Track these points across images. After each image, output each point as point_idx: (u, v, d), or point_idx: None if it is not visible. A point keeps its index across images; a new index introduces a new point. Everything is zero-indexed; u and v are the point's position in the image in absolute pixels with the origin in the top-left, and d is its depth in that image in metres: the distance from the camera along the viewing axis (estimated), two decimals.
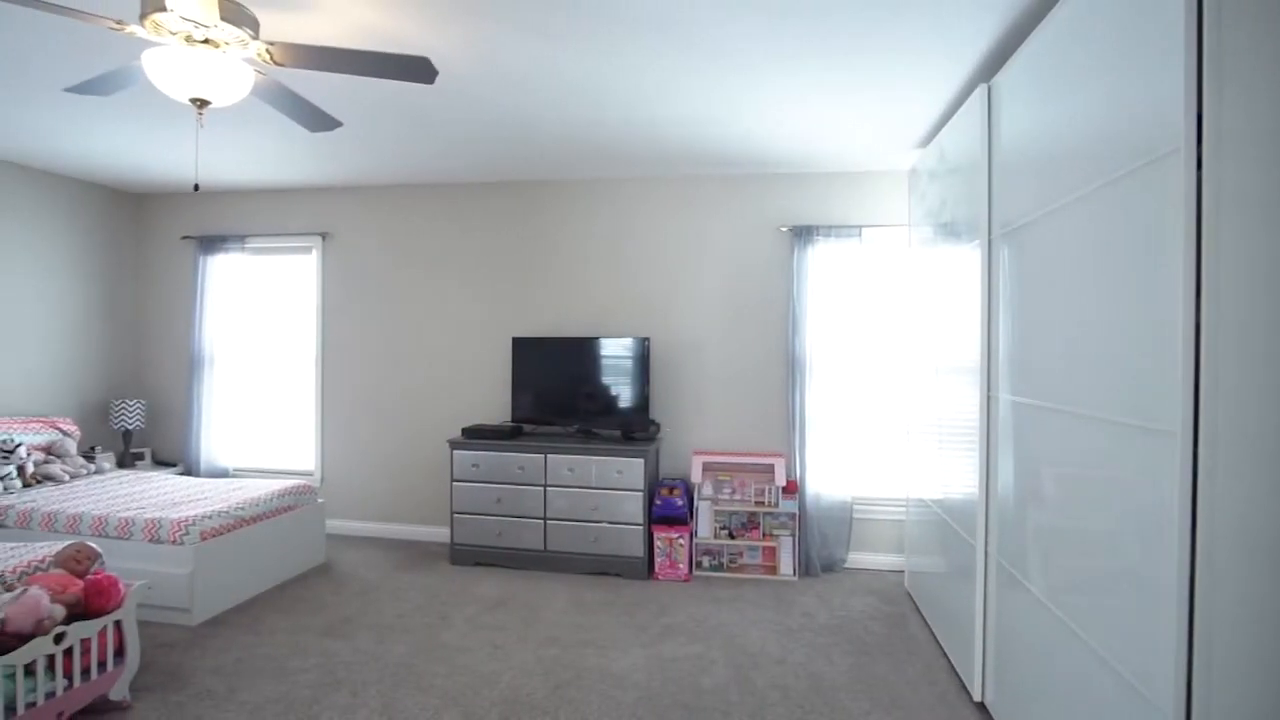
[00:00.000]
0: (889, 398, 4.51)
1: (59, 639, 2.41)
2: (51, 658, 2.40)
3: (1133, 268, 1.70)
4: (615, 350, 4.58)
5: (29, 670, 2.33)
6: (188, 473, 5.20)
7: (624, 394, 4.55)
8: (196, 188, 2.90)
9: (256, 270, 5.38)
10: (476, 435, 4.46)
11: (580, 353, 4.61)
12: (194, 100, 2.19)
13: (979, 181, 2.76)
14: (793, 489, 4.34)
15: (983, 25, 2.50)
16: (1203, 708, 1.48)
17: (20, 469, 4.12)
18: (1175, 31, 1.51)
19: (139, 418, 5.14)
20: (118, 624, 2.68)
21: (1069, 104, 2.05)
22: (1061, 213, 2.08)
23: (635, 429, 4.45)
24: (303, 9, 2.41)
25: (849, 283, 4.44)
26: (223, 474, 5.21)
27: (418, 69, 2.24)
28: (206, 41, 2.12)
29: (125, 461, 5.10)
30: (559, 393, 4.63)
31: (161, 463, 5.34)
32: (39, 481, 4.21)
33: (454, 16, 2.47)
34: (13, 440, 4.17)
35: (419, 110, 3.46)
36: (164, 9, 1.97)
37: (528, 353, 4.67)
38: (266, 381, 5.39)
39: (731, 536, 4.35)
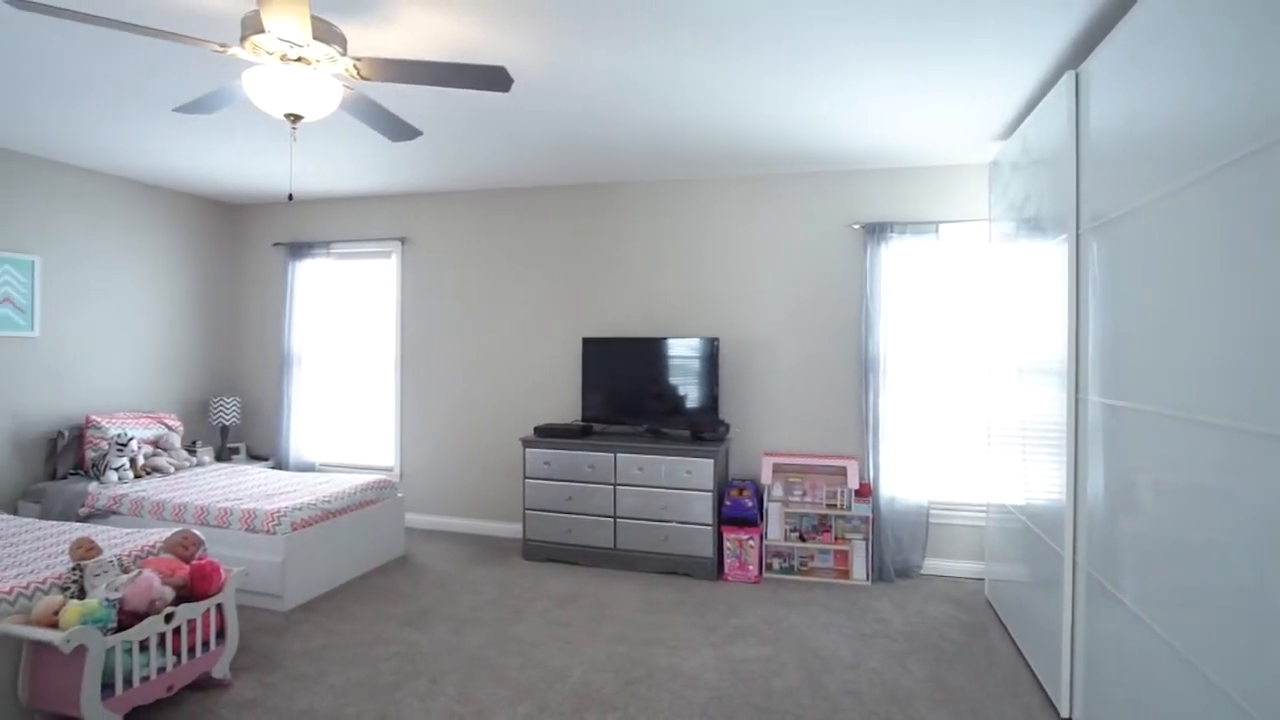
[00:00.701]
0: (968, 399, 4.35)
1: (168, 618, 2.60)
2: (162, 635, 2.59)
3: (1247, 259, 1.59)
4: (684, 350, 4.59)
5: (143, 646, 2.52)
6: (278, 466, 5.50)
7: (693, 394, 4.56)
8: (290, 197, 3.07)
9: (341, 274, 5.65)
10: (548, 434, 4.55)
11: (649, 353, 4.64)
12: (288, 115, 2.32)
13: (1066, 173, 2.64)
14: (866, 492, 4.25)
15: (1068, 11, 2.39)
16: None
17: (132, 461, 4.45)
18: None
19: (235, 414, 5.47)
20: (219, 607, 2.87)
21: (1169, 88, 1.94)
22: (1162, 203, 1.97)
23: (704, 429, 4.44)
24: (384, 24, 2.52)
25: (925, 281, 4.32)
26: (310, 468, 5.49)
27: (494, 78, 2.31)
28: (300, 60, 2.25)
29: (223, 455, 5.43)
30: (628, 392, 4.67)
31: (255, 457, 5.67)
32: (148, 473, 4.53)
33: (529, 25, 2.53)
34: (126, 434, 4.51)
35: (495, 117, 3.56)
36: (262, 30, 2.10)
37: (598, 353, 4.73)
38: (350, 380, 5.65)
39: (802, 539, 4.29)
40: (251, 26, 2.13)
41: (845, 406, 4.49)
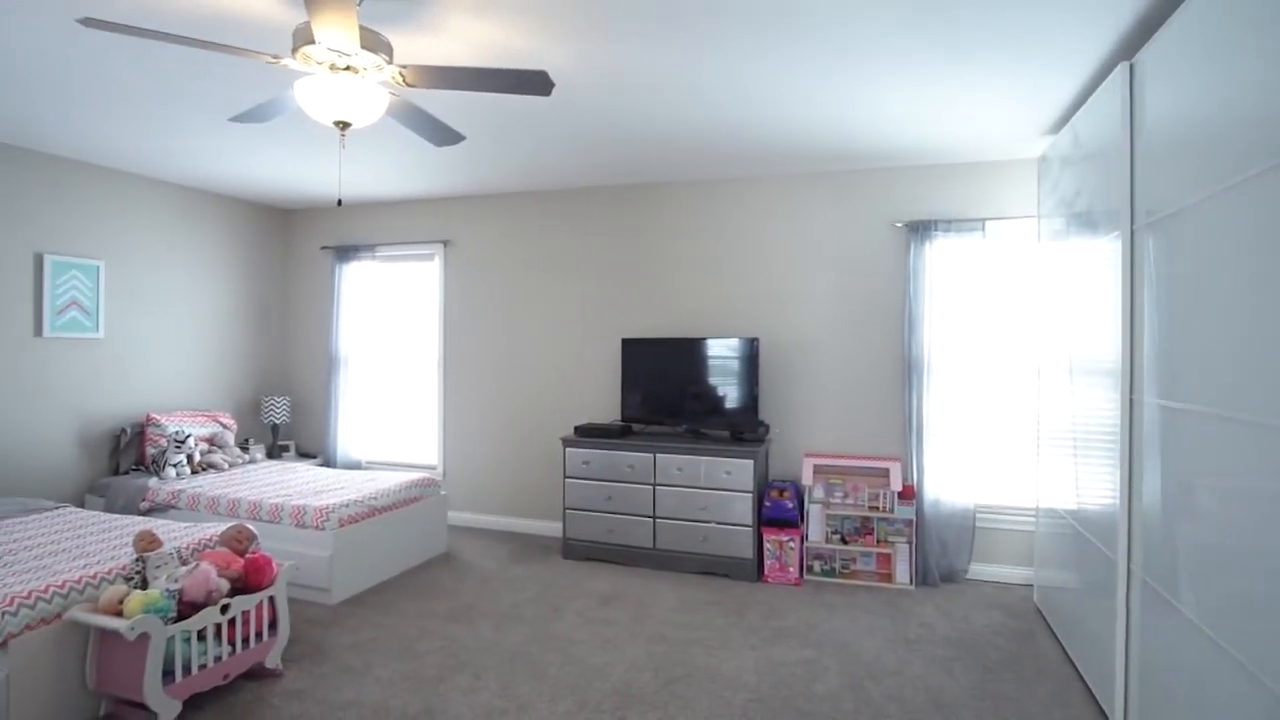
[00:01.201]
0: (1015, 400, 4.24)
1: (224, 609, 2.70)
2: (219, 626, 2.69)
3: None
4: (723, 350, 4.58)
5: (201, 636, 2.62)
6: (326, 464, 5.65)
7: (732, 394, 4.54)
8: (340, 203, 3.15)
9: (385, 277, 5.78)
10: (588, 434, 4.58)
11: (689, 353, 4.64)
12: (337, 123, 2.39)
13: (1120, 167, 2.55)
14: (909, 494, 4.18)
15: (1121, 1, 2.32)
16: None
17: (189, 457, 4.62)
18: None
19: (285, 413, 5.64)
20: (271, 599, 2.96)
21: (1230, 78, 1.87)
22: (1223, 197, 1.90)
23: (744, 430, 4.42)
24: (429, 31, 2.58)
25: (971, 279, 4.22)
26: (356, 466, 5.63)
27: (536, 82, 2.34)
28: (348, 69, 2.31)
29: (274, 453, 5.61)
30: (668, 393, 4.67)
31: (304, 454, 5.83)
32: (204, 469, 4.71)
33: (569, 29, 2.56)
34: (184, 432, 4.69)
35: (535, 120, 3.60)
36: (313, 41, 2.16)
37: (637, 353, 4.75)
38: (394, 380, 5.78)
39: (844, 541, 4.24)
40: (302, 37, 2.19)
41: (888, 407, 4.42)
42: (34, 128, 3.80)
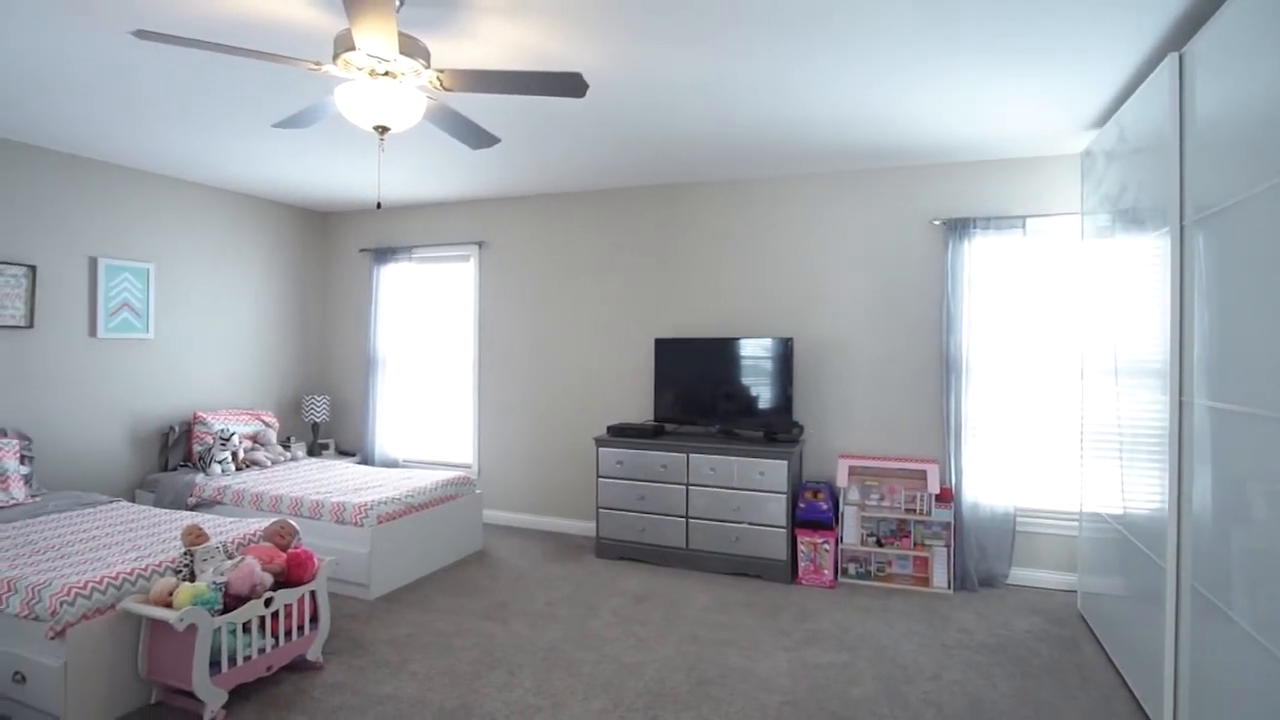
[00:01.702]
0: (1057, 401, 4.14)
1: (268, 603, 2.77)
2: (263, 619, 2.77)
3: None
4: (757, 350, 4.55)
5: (245, 628, 2.70)
6: (364, 462, 5.76)
7: (766, 394, 4.51)
8: (379, 205, 3.22)
9: (422, 278, 5.87)
10: (621, 433, 4.60)
11: (722, 353, 4.62)
12: (376, 127, 2.44)
13: (1168, 162, 2.48)
14: (947, 497, 4.11)
15: None
16: None
17: (234, 455, 4.76)
18: None
19: (325, 412, 5.77)
20: (312, 594, 3.03)
21: None
22: (1277, 191, 1.83)
23: (777, 430, 4.39)
24: (465, 36, 2.61)
25: (1011, 278, 4.13)
26: (393, 464, 5.72)
27: (570, 84, 2.36)
28: (387, 74, 2.36)
29: (314, 450, 5.73)
30: (701, 393, 4.66)
31: (343, 452, 5.95)
32: (247, 466, 4.83)
33: (603, 31, 2.57)
34: (229, 430, 4.83)
35: (569, 121, 3.62)
36: (353, 48, 2.21)
37: (670, 353, 4.75)
38: (430, 379, 5.86)
39: (879, 544, 4.18)
40: (343, 44, 2.24)
41: (925, 408, 4.35)
42: (85, 135, 3.95)
